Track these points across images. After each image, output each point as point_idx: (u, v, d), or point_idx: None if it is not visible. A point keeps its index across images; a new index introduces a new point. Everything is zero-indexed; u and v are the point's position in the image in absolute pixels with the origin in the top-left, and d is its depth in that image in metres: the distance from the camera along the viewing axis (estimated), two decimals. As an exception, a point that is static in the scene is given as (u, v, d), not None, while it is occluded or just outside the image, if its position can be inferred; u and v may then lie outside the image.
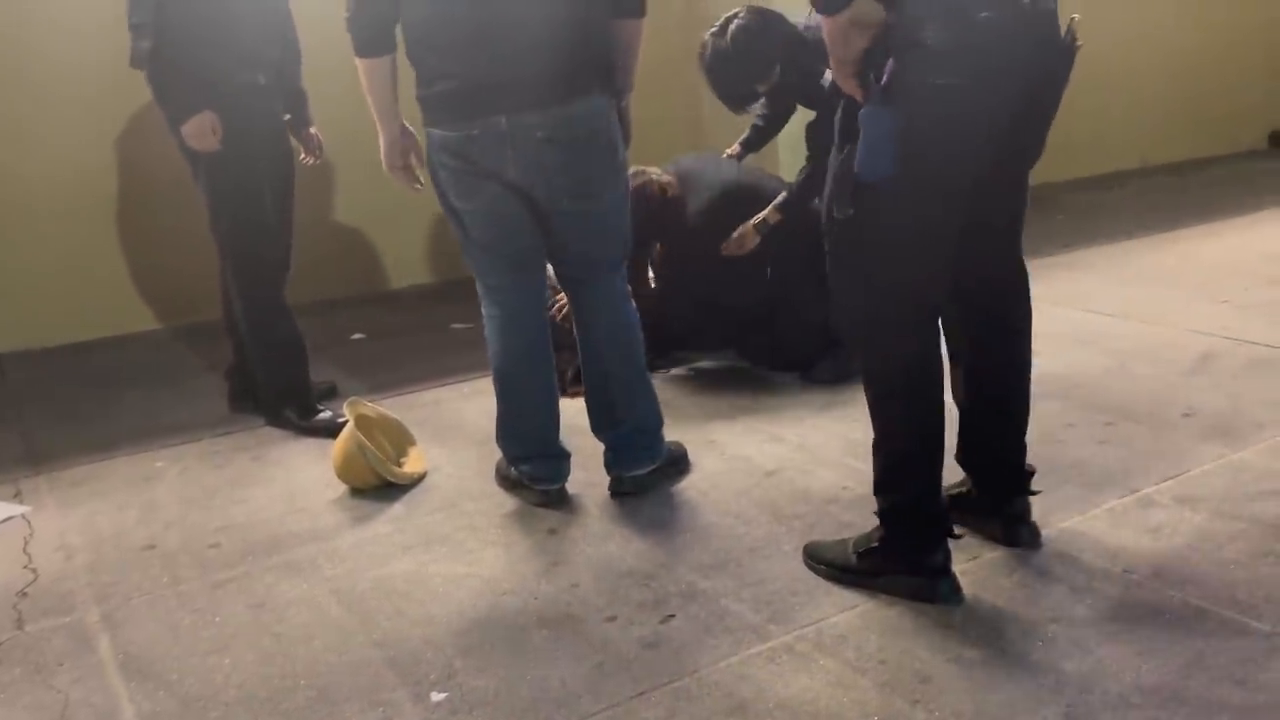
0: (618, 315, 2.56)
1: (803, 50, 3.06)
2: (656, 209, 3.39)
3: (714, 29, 3.11)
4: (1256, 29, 7.44)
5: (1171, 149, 7.16)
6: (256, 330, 3.19)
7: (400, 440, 2.89)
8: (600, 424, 2.62)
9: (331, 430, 2.97)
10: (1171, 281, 4.27)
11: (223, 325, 3.39)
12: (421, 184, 2.54)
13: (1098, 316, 3.82)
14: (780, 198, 3.28)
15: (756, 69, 3.08)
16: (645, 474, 2.61)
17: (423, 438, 3.00)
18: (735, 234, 3.32)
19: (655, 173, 3.49)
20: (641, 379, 2.61)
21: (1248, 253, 4.64)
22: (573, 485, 2.67)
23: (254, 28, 3.04)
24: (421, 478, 2.79)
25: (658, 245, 3.55)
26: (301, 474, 2.91)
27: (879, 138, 1.81)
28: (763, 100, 3.50)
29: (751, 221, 3.30)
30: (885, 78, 1.80)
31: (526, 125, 2.29)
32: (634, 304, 2.61)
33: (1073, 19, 1.93)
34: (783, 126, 3.63)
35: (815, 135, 3.17)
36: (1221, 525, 2.26)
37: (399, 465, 2.81)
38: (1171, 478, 2.50)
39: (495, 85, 2.28)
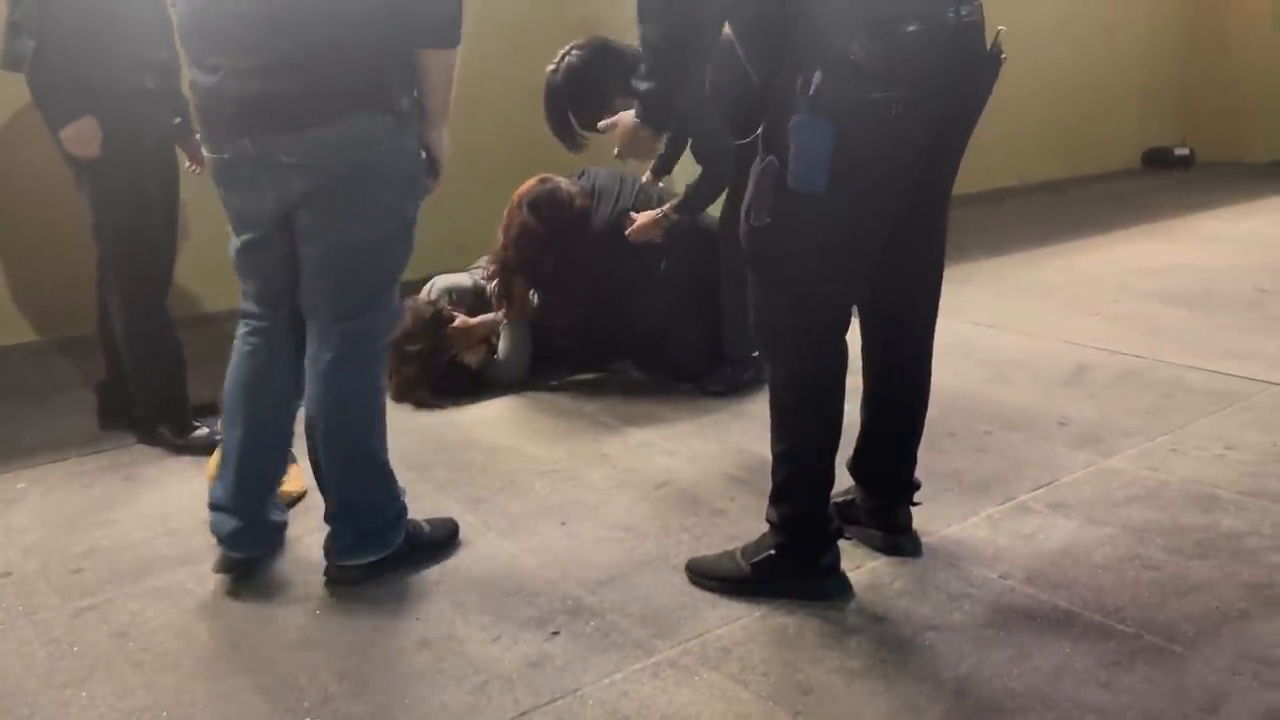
0: (331, 381, 2.19)
1: None
2: (566, 216, 3.40)
3: (552, 65, 3.09)
4: (1132, 53, 7.82)
5: (1049, 167, 7.45)
6: (136, 342, 3.05)
7: (279, 458, 2.79)
8: (323, 492, 2.31)
9: (208, 447, 2.86)
10: (1048, 294, 4.43)
11: (97, 338, 3.24)
12: None
13: (978, 328, 3.94)
14: (678, 198, 3.30)
15: (591, 102, 2.98)
16: (364, 564, 2.25)
17: (303, 453, 2.90)
18: (638, 220, 3.33)
19: (564, 182, 3.49)
20: (359, 459, 2.24)
21: (1119, 267, 4.85)
22: (459, 502, 2.62)
23: (142, 29, 2.90)
24: (301, 496, 2.69)
25: (549, 260, 3.51)
26: (174, 494, 2.78)
27: (815, 148, 1.80)
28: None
29: (653, 213, 3.33)
30: (812, 89, 1.79)
31: (273, 149, 2.03)
32: (368, 371, 2.22)
33: (999, 30, 1.95)
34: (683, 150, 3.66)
35: (699, 146, 3.19)
36: (1091, 531, 2.34)
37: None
38: (1045, 485, 2.58)
39: (241, 102, 2.02)
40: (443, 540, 2.41)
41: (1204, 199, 6.50)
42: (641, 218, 3.34)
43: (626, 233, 3.35)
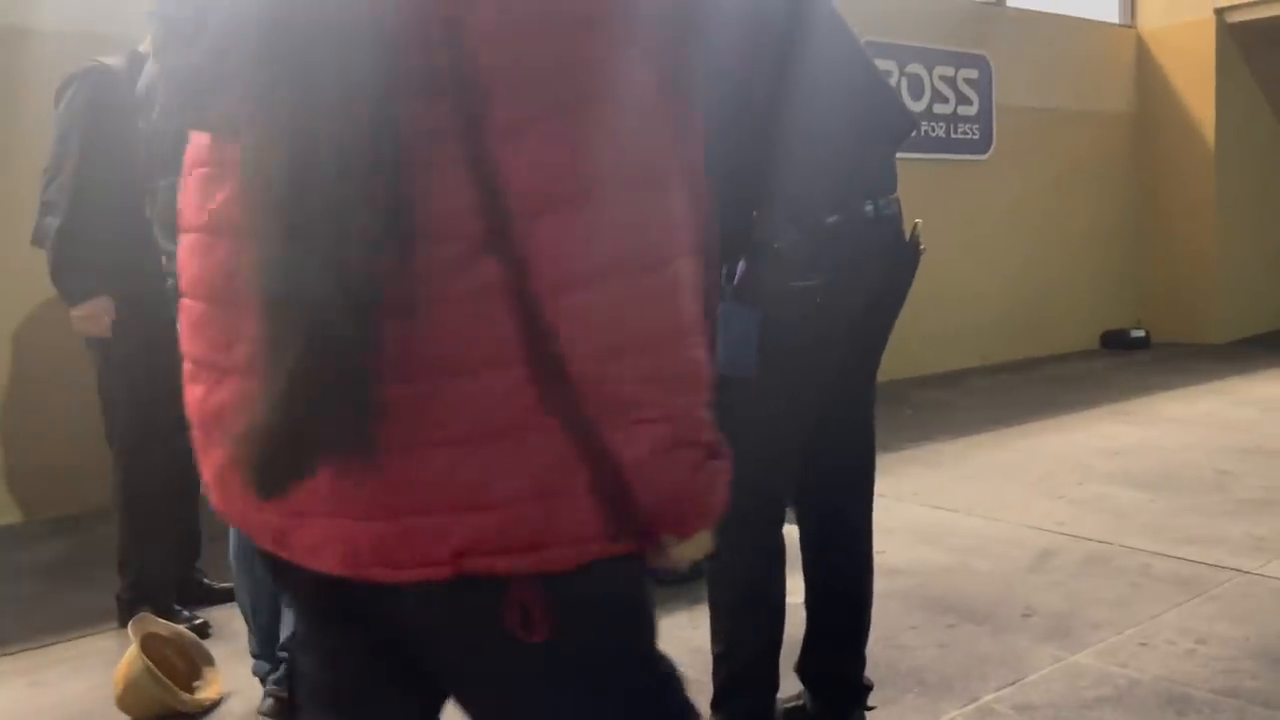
0: None
1: None
2: None
3: None
4: (1086, 236, 8.08)
5: (1011, 349, 7.56)
6: (132, 519, 2.97)
7: (195, 660, 2.61)
8: None
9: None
10: (1011, 476, 4.37)
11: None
12: None
13: (940, 512, 3.85)
14: None
15: None
16: None
17: (230, 654, 2.71)
18: None
19: None
20: None
21: (1081, 448, 4.81)
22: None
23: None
24: (216, 704, 2.50)
25: None
26: (75, 702, 2.58)
27: (741, 335, 1.80)
28: None
29: None
30: (737, 279, 1.80)
31: None
32: None
33: (916, 224, 2.00)
34: None
35: None
36: (1059, 736, 2.19)
37: (192, 690, 2.52)
38: (1011, 684, 2.44)
39: None
40: None
41: (1161, 380, 6.56)
42: None
43: None
